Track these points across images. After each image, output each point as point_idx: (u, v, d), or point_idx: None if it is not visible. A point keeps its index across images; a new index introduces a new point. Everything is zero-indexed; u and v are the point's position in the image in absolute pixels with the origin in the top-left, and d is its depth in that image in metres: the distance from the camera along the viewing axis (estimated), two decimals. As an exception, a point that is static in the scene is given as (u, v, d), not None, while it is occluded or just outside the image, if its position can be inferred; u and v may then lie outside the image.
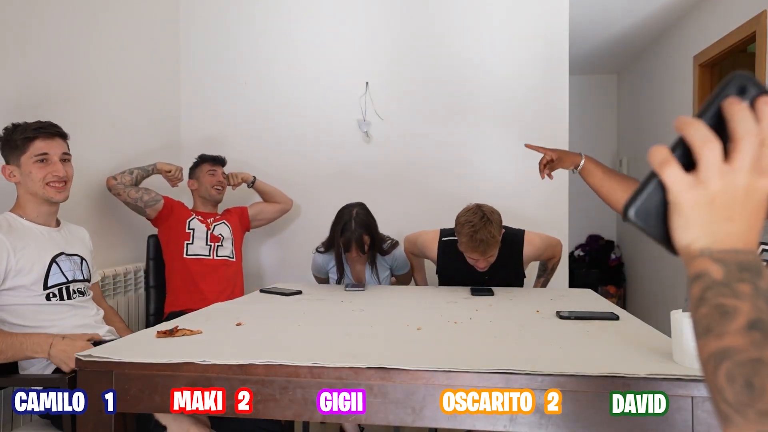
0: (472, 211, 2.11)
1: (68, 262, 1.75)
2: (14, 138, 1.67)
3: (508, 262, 2.33)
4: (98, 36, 2.46)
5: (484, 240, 2.04)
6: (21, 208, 1.72)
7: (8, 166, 1.69)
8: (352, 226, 2.20)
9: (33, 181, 1.68)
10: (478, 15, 3.02)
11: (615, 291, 5.27)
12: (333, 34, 3.11)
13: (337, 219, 2.28)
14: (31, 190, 1.69)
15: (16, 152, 1.68)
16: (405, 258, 2.49)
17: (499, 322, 1.56)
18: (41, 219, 1.74)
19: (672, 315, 1.12)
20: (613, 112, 5.51)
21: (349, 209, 2.27)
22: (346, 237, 2.20)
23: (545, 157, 1.79)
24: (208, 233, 2.55)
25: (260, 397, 1.13)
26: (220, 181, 2.62)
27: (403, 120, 3.07)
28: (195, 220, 2.55)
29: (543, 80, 2.98)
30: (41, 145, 1.69)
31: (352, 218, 2.21)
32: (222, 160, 2.69)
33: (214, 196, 2.61)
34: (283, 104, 3.15)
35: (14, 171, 1.69)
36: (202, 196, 2.62)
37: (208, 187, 2.59)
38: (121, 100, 2.62)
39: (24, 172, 1.68)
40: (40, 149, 1.68)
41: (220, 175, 2.64)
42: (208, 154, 2.68)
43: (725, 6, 3.21)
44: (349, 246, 2.21)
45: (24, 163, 1.67)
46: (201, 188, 2.61)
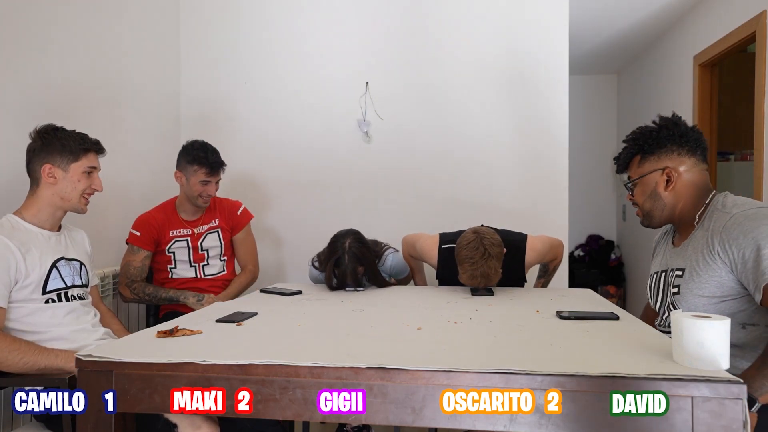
0: (473, 246, 1.99)
1: (68, 268, 1.75)
2: (70, 144, 1.71)
3: (510, 269, 2.25)
4: (99, 36, 2.46)
5: (486, 274, 1.97)
6: (33, 210, 1.70)
7: (52, 166, 1.70)
8: (345, 260, 2.13)
9: (76, 189, 1.73)
10: (478, 15, 3.02)
11: (615, 291, 5.27)
12: (333, 34, 3.11)
13: (331, 251, 2.18)
14: (67, 196, 1.72)
15: (69, 157, 1.71)
16: (403, 263, 2.47)
17: (499, 322, 1.56)
18: (48, 224, 1.73)
19: (672, 315, 1.12)
20: (613, 112, 5.51)
21: (341, 241, 2.16)
22: (341, 271, 2.15)
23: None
24: (191, 253, 2.38)
25: (260, 397, 1.13)
26: (210, 195, 2.36)
27: (403, 120, 3.07)
28: (175, 243, 2.36)
29: (543, 80, 2.99)
30: (93, 159, 1.78)
31: (345, 252, 2.13)
32: (219, 166, 2.37)
33: (200, 204, 2.37)
34: (283, 104, 3.15)
35: (56, 173, 1.70)
36: (187, 195, 2.37)
37: (194, 194, 2.34)
38: (121, 100, 2.62)
39: (69, 179, 1.71)
40: (92, 162, 1.77)
41: (213, 186, 2.36)
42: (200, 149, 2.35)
43: (725, 6, 3.21)
44: (344, 280, 2.17)
45: (73, 170, 1.72)
46: (187, 188, 2.35)
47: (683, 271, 1.54)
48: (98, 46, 2.46)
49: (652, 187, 1.59)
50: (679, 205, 1.57)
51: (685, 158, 1.56)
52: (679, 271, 1.56)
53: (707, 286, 1.47)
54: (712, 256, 1.45)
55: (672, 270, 1.60)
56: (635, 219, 4.86)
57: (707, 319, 1.07)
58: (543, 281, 2.50)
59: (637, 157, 1.62)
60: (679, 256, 1.60)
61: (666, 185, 1.57)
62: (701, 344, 1.05)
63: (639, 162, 1.62)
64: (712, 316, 1.09)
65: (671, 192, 1.57)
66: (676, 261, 1.60)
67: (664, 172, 1.56)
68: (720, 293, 1.46)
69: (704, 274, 1.47)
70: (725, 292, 1.45)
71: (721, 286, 1.45)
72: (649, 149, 1.58)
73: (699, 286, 1.48)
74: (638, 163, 1.62)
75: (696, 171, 1.57)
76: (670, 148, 1.56)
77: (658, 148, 1.57)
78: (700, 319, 1.07)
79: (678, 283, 1.55)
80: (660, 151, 1.57)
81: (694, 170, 1.56)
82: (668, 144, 1.56)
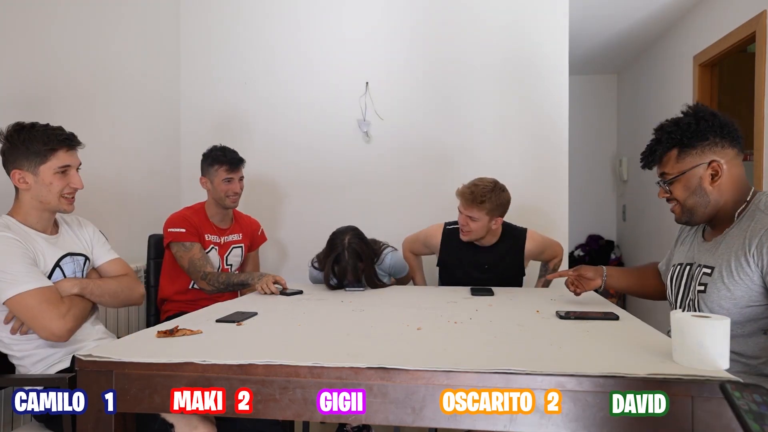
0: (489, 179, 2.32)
1: (72, 264, 1.71)
2: (33, 144, 1.57)
3: (510, 255, 2.38)
4: (98, 35, 2.46)
5: (474, 192, 2.23)
6: (21, 214, 1.63)
7: (20, 171, 1.59)
8: (345, 256, 2.14)
9: (51, 192, 1.61)
10: (478, 15, 3.02)
11: (615, 291, 5.27)
12: (333, 34, 3.11)
13: (330, 248, 2.20)
14: (44, 199, 1.61)
15: (35, 160, 1.58)
16: (402, 262, 2.49)
17: (499, 322, 1.56)
18: (40, 226, 1.66)
19: (672, 315, 1.12)
20: (613, 112, 5.50)
21: (341, 238, 2.18)
22: (341, 267, 2.16)
23: (568, 279, 1.86)
24: (220, 267, 2.42)
25: (260, 397, 1.13)
26: (236, 192, 2.40)
27: (403, 120, 3.07)
28: (210, 251, 2.39)
29: (543, 80, 2.99)
30: (64, 157, 1.62)
31: (345, 248, 2.15)
32: (239, 162, 2.42)
33: (228, 205, 2.40)
34: (284, 104, 3.15)
35: (27, 177, 1.59)
36: (215, 198, 2.40)
37: (222, 195, 2.37)
38: (121, 99, 2.62)
39: (41, 182, 1.60)
40: (63, 161, 1.62)
41: (237, 182, 2.40)
42: (219, 147, 2.42)
43: (725, 6, 3.21)
44: (343, 277, 2.18)
45: (43, 173, 1.59)
46: (214, 192, 2.39)
47: (712, 269, 1.47)
48: (98, 46, 2.46)
49: (696, 182, 1.48)
50: (722, 201, 1.48)
51: (728, 150, 1.46)
52: (707, 269, 1.49)
53: (736, 289, 1.41)
54: (746, 258, 1.39)
55: (700, 266, 1.53)
56: (635, 219, 4.86)
57: (707, 319, 1.07)
58: (544, 281, 2.51)
59: (674, 152, 1.50)
60: (709, 252, 1.52)
61: (711, 180, 1.47)
62: (701, 344, 1.05)
63: (678, 156, 1.50)
64: (712, 316, 1.09)
65: (716, 187, 1.47)
66: (706, 257, 1.53)
67: (709, 166, 1.46)
68: (747, 297, 1.40)
69: (735, 276, 1.41)
70: (753, 298, 1.39)
71: (750, 291, 1.39)
72: (689, 142, 1.47)
73: (727, 288, 1.42)
74: (676, 157, 1.50)
75: (737, 164, 1.47)
76: (713, 140, 1.45)
77: (700, 140, 1.46)
78: (700, 319, 1.07)
79: (705, 281, 1.48)
80: (702, 144, 1.46)
81: (735, 163, 1.47)
82: (710, 136, 1.45)
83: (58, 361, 1.64)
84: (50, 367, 1.63)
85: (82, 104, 2.35)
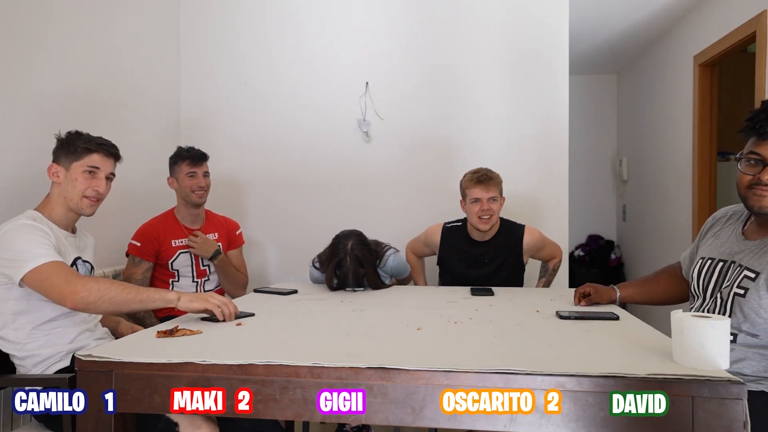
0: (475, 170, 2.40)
1: (83, 268, 1.78)
2: (75, 144, 1.72)
3: (508, 249, 2.39)
4: (98, 35, 2.46)
5: (486, 174, 2.32)
6: (48, 209, 1.72)
7: (56, 165, 1.73)
8: (347, 262, 2.14)
9: (74, 189, 1.71)
10: (478, 15, 3.02)
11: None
12: (333, 34, 3.11)
13: (333, 252, 2.20)
14: (68, 195, 1.72)
15: (71, 157, 1.72)
16: (404, 264, 2.49)
17: (499, 322, 1.56)
18: (63, 223, 1.74)
19: (672, 315, 1.12)
20: (613, 112, 5.50)
21: (344, 243, 2.18)
22: (343, 272, 2.16)
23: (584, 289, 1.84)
24: (194, 269, 2.40)
25: (260, 397, 1.13)
26: (201, 187, 2.38)
27: (403, 120, 3.07)
28: (180, 258, 2.36)
29: (543, 80, 2.99)
30: (96, 159, 1.75)
31: (348, 254, 2.14)
32: (201, 157, 2.41)
33: (194, 200, 2.38)
34: (284, 104, 3.14)
35: (60, 172, 1.72)
36: (182, 197, 2.41)
37: (187, 191, 2.36)
38: (121, 100, 2.62)
39: (69, 177, 1.71)
40: (94, 162, 1.74)
41: (201, 177, 2.39)
42: (184, 147, 2.44)
43: (725, 6, 3.21)
44: (346, 281, 2.18)
45: (73, 169, 1.72)
46: (180, 190, 2.39)
47: (757, 275, 1.36)
48: (99, 49, 2.46)
49: None
50: None
51: None
52: (750, 273, 1.38)
53: None
54: None
55: (741, 267, 1.42)
56: (635, 219, 4.86)
57: (707, 319, 1.07)
58: (544, 281, 2.51)
59: None
60: (753, 254, 1.41)
61: None
62: (701, 344, 1.05)
63: None
64: (712, 316, 1.09)
65: None
66: (749, 259, 1.41)
67: None
68: None
69: None
70: None
71: None
72: None
73: None
74: None
75: None
76: None
77: None
78: (700, 319, 1.07)
79: (747, 285, 1.37)
80: None
81: None
82: None
83: (59, 361, 1.64)
84: (50, 368, 1.63)
85: (82, 105, 2.35)
